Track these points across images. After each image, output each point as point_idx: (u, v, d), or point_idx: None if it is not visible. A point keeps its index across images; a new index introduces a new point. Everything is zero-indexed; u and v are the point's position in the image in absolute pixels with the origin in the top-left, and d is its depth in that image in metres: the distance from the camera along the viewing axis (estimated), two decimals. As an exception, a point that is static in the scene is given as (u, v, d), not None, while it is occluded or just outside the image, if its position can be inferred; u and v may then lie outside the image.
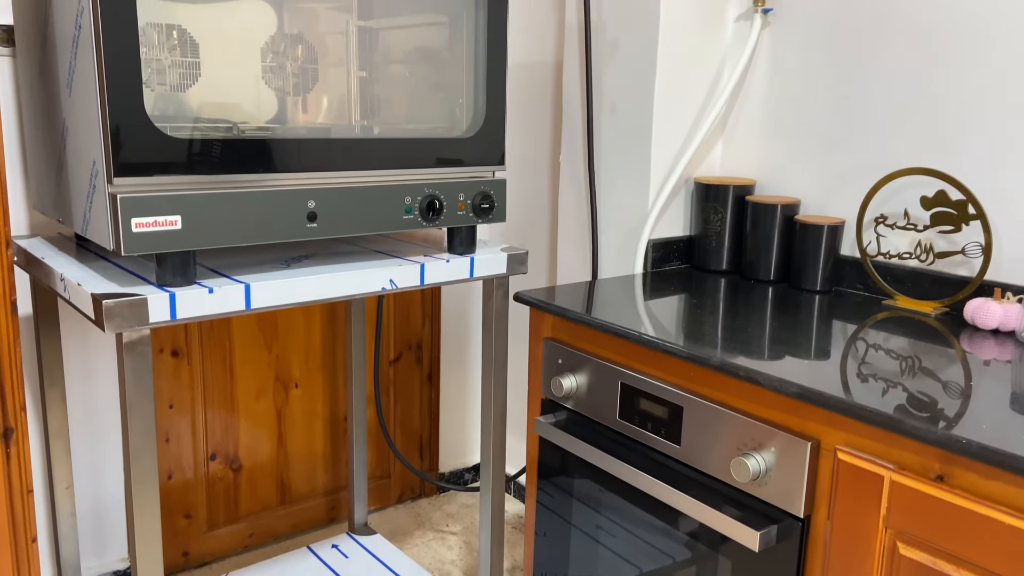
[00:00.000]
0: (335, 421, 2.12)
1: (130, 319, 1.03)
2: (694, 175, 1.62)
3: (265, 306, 1.15)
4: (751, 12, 1.56)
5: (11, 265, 1.10)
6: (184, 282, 1.10)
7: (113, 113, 1.01)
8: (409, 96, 1.35)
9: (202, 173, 1.09)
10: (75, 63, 1.07)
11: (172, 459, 1.87)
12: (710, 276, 1.56)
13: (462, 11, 1.35)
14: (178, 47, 1.23)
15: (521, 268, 1.43)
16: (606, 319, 1.23)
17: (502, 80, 1.38)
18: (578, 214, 1.72)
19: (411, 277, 1.29)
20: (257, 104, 1.26)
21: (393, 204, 1.27)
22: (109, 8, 0.99)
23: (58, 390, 1.47)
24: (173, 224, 1.06)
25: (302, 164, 1.18)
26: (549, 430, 1.32)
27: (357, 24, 1.36)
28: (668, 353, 1.13)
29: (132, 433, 1.07)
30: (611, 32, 1.59)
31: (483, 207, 1.36)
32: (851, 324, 1.27)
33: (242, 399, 1.95)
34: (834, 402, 0.94)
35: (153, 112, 1.11)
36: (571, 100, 1.71)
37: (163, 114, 1.15)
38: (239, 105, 1.23)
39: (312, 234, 1.19)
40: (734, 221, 1.55)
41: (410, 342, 2.22)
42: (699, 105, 1.59)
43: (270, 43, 1.28)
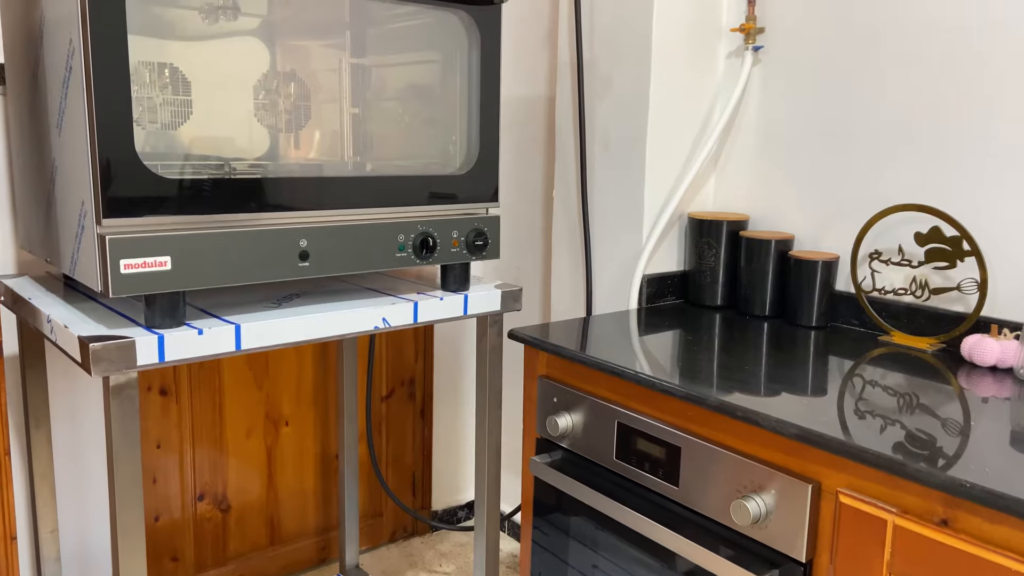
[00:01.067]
0: (326, 459, 2.09)
1: (117, 362, 1.01)
2: (687, 210, 1.62)
3: (256, 347, 1.13)
4: (742, 49, 1.58)
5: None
6: (173, 323, 1.08)
7: (103, 154, 0.99)
8: (402, 133, 1.35)
9: (192, 213, 1.08)
10: (65, 103, 1.07)
11: (159, 500, 1.83)
12: (705, 312, 1.55)
13: (455, 49, 1.35)
14: (170, 85, 1.23)
15: (515, 305, 1.42)
16: (602, 357, 1.22)
17: (495, 117, 1.38)
18: (571, 249, 1.71)
19: (404, 316, 1.27)
20: (249, 141, 1.26)
21: (386, 242, 1.26)
22: (100, 49, 0.98)
23: (43, 432, 1.44)
24: (163, 265, 1.05)
25: (294, 202, 1.17)
26: (544, 470, 1.30)
27: (350, 62, 1.36)
28: (665, 392, 1.11)
29: (119, 480, 1.04)
30: (603, 68, 1.60)
31: (477, 244, 1.35)
32: (848, 360, 1.26)
33: (231, 438, 1.92)
34: (835, 444, 0.92)
35: (144, 150, 1.10)
36: (564, 135, 1.71)
37: (154, 152, 1.14)
38: (231, 142, 1.23)
39: (304, 273, 1.18)
40: (728, 256, 1.54)
41: (403, 377, 2.20)
42: (691, 141, 1.60)
43: (262, 80, 1.28)
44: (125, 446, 1.04)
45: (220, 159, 1.23)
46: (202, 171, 1.20)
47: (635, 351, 1.27)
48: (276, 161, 1.26)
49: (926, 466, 0.85)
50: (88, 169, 1.01)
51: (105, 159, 1.00)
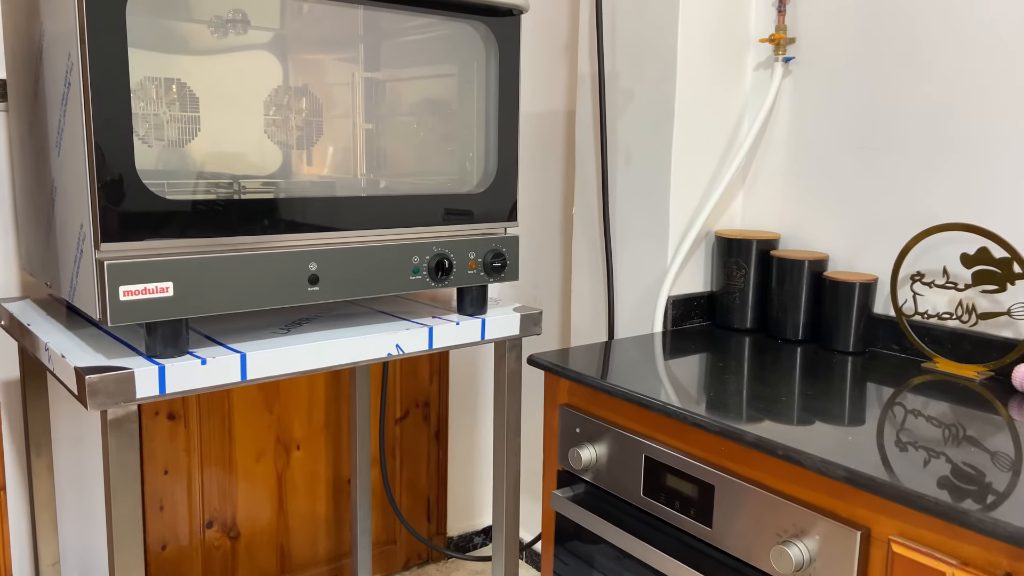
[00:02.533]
0: (338, 484, 2.02)
1: (115, 395, 0.95)
2: (714, 228, 1.55)
3: (262, 377, 1.07)
4: (771, 60, 1.51)
5: (-9, 335, 1.03)
6: (175, 353, 1.02)
7: (101, 174, 0.94)
8: (417, 150, 1.29)
9: (195, 236, 1.02)
10: (64, 121, 1.01)
11: (166, 528, 1.77)
12: (733, 335, 1.47)
13: (472, 62, 1.30)
14: (177, 101, 1.18)
15: (535, 329, 1.35)
16: (627, 386, 1.15)
17: (514, 133, 1.31)
18: (592, 269, 1.64)
19: (419, 342, 1.21)
20: (260, 159, 1.20)
21: (400, 264, 1.20)
22: (99, 65, 0.93)
23: (45, 460, 1.38)
24: (164, 291, 0.99)
25: (303, 224, 1.11)
26: (566, 505, 1.23)
27: (364, 76, 1.30)
28: (696, 426, 1.04)
29: (117, 517, 0.98)
30: (625, 81, 1.53)
31: (495, 266, 1.29)
32: (888, 388, 1.18)
33: (241, 462, 1.86)
34: (887, 489, 0.85)
35: (149, 169, 1.05)
36: (584, 151, 1.65)
37: (159, 171, 1.09)
38: (240, 160, 1.17)
39: (314, 298, 1.12)
40: (758, 277, 1.47)
41: (417, 399, 2.13)
42: (719, 156, 1.53)
43: (273, 96, 1.23)
44: (124, 481, 0.99)
45: (229, 177, 1.18)
46: (210, 190, 1.15)
47: (662, 379, 1.20)
48: (287, 179, 1.21)
49: (990, 516, 0.77)
50: (86, 190, 0.96)
51: (104, 180, 0.94)
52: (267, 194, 1.15)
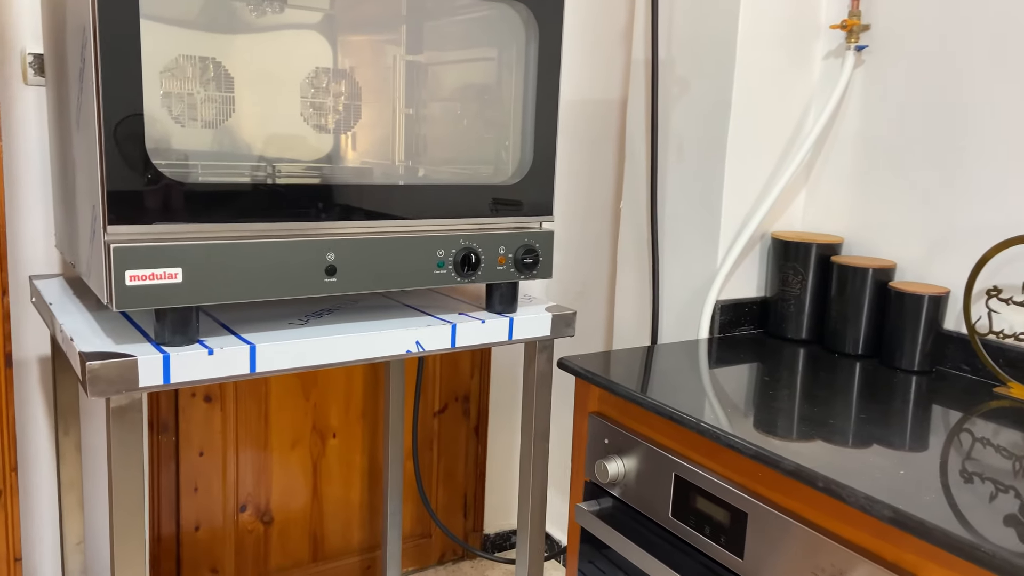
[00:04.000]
0: (374, 474, 1.99)
1: (117, 383, 0.92)
2: (771, 230, 1.44)
3: (272, 370, 1.03)
4: (843, 49, 1.38)
5: (6, 314, 1.01)
6: (184, 341, 0.99)
7: (110, 153, 0.91)
8: (453, 137, 1.23)
9: (207, 221, 0.98)
10: (81, 97, 0.99)
11: (200, 509, 1.77)
12: (786, 345, 1.36)
13: (512, 45, 1.22)
14: (212, 81, 1.14)
15: (567, 330, 1.28)
16: (660, 398, 1.06)
17: (553, 121, 1.24)
18: (638, 268, 1.55)
19: (440, 340, 1.15)
20: (292, 143, 1.16)
21: (423, 257, 1.14)
22: (111, 41, 0.89)
23: (73, 439, 1.38)
24: (173, 277, 0.96)
25: (322, 212, 1.06)
26: (591, 520, 1.15)
27: (405, 59, 1.25)
28: (731, 448, 0.95)
29: (117, 511, 0.96)
30: (680, 69, 1.43)
31: (526, 262, 1.22)
32: (955, 413, 1.06)
33: (276, 448, 1.84)
34: (937, 534, 0.75)
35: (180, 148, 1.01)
36: (634, 142, 1.56)
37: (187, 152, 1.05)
38: (273, 143, 1.13)
39: (330, 290, 1.07)
40: (816, 284, 1.35)
41: (457, 393, 2.08)
42: (779, 151, 1.42)
43: (311, 78, 1.18)
44: (127, 473, 0.96)
45: (262, 160, 1.14)
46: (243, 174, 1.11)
47: (702, 391, 1.11)
48: (323, 164, 1.16)
49: (1062, 580, 0.67)
50: (97, 170, 0.93)
51: (112, 159, 0.91)
52: (288, 180, 1.10)
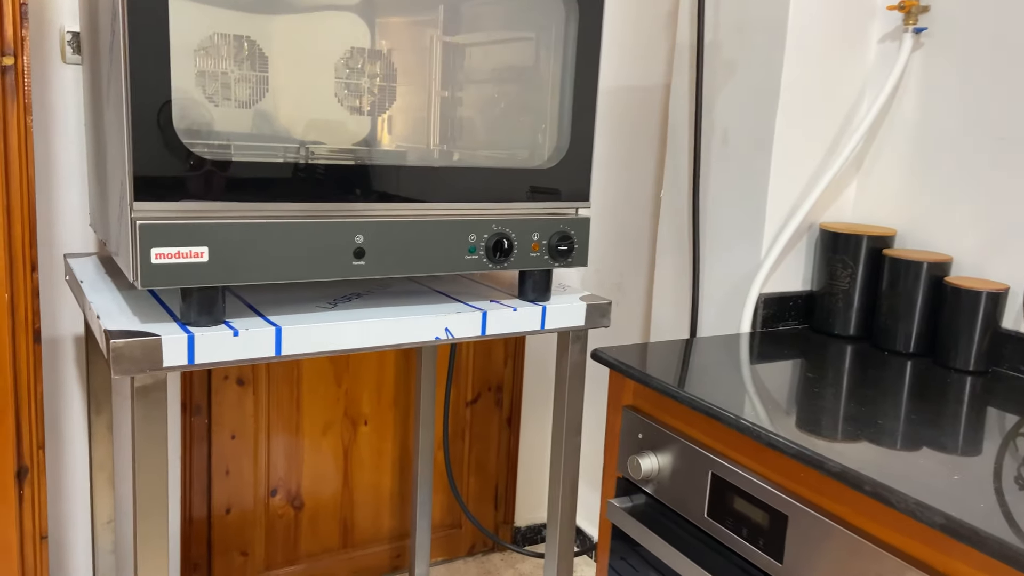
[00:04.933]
0: (404, 462, 1.98)
1: (141, 362, 0.91)
2: (819, 220, 1.38)
3: (298, 353, 1.01)
4: (900, 31, 1.31)
5: (35, 289, 1.01)
6: (210, 321, 0.97)
7: (137, 128, 0.89)
8: (488, 120, 1.20)
9: (235, 200, 0.96)
10: (111, 71, 0.98)
11: (231, 492, 1.77)
12: (832, 342, 1.30)
13: (550, 25, 1.18)
14: (247, 60, 1.13)
15: (602, 321, 1.24)
16: (698, 393, 1.02)
17: (591, 104, 1.19)
18: (678, 258, 1.50)
19: (470, 327, 1.12)
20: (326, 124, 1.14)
21: (454, 242, 1.11)
22: (138, 14, 0.88)
23: (104, 418, 1.39)
24: (199, 256, 0.94)
25: (351, 193, 1.04)
26: (623, 518, 1.11)
27: (442, 39, 1.21)
28: (772, 447, 0.90)
29: (140, 490, 0.95)
30: (727, 52, 1.38)
31: (560, 249, 1.18)
32: (1013, 416, 1.00)
33: (308, 433, 1.84)
34: (992, 544, 0.69)
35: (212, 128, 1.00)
36: (677, 128, 1.50)
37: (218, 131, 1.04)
38: (307, 124, 1.11)
39: (358, 273, 1.05)
40: (867, 278, 1.29)
41: (490, 382, 2.05)
42: (830, 139, 1.35)
43: (347, 58, 1.16)
44: (150, 453, 0.95)
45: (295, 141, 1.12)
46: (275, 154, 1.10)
47: (742, 387, 1.06)
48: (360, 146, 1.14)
49: None
50: (124, 146, 0.91)
51: (139, 135, 0.89)
52: (316, 160, 1.08)
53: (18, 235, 0.97)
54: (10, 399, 0.98)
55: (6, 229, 0.96)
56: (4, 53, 0.92)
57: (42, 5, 1.35)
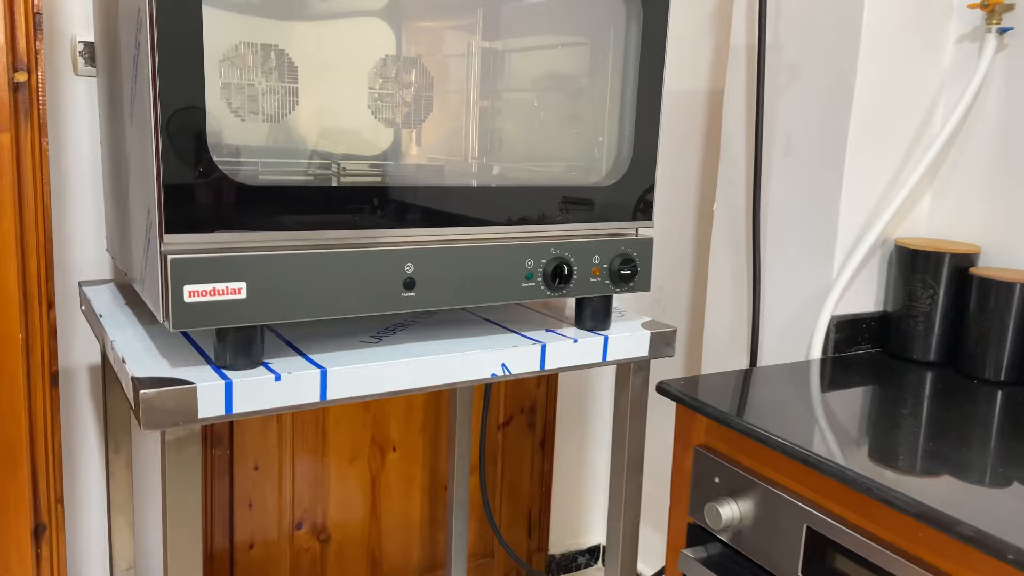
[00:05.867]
0: (435, 490, 1.88)
1: (174, 415, 0.81)
2: (891, 236, 1.28)
3: (344, 398, 0.91)
4: (981, 31, 1.21)
5: (52, 329, 0.91)
6: (248, 364, 0.87)
7: (167, 152, 0.79)
8: (537, 133, 1.10)
9: (275, 228, 0.86)
10: (135, 88, 0.88)
11: (255, 526, 1.67)
12: (912, 368, 1.20)
13: (609, 28, 1.08)
14: (275, 70, 1.03)
15: (667, 350, 1.14)
16: (789, 436, 0.91)
17: (655, 114, 1.09)
18: (735, 278, 1.40)
19: (529, 362, 1.02)
20: (360, 138, 1.04)
21: (510, 269, 1.01)
22: (169, 21, 0.78)
23: (123, 457, 1.29)
24: (236, 292, 0.84)
25: (399, 218, 0.94)
26: (699, 570, 1.01)
27: (481, 45, 1.12)
28: (887, 503, 0.80)
29: (172, 555, 0.85)
30: (790, 55, 1.28)
31: (623, 273, 1.08)
32: None
33: (334, 462, 1.74)
34: None
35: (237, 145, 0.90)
36: (732, 137, 1.40)
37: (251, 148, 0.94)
38: (341, 139, 1.01)
39: (408, 305, 0.95)
40: (950, 299, 1.19)
41: (522, 404, 1.95)
42: (904, 147, 1.25)
43: (379, 67, 1.06)
44: (183, 516, 0.85)
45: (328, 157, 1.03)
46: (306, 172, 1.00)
47: (837, 426, 0.96)
48: (390, 163, 1.04)
49: None
50: (153, 170, 0.81)
51: (170, 158, 0.80)
52: (360, 180, 0.98)
53: (33, 269, 0.87)
54: (25, 449, 0.89)
55: (20, 262, 0.86)
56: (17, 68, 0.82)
57: (51, 13, 1.25)
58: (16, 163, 0.84)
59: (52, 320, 0.90)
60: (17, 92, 0.86)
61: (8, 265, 0.86)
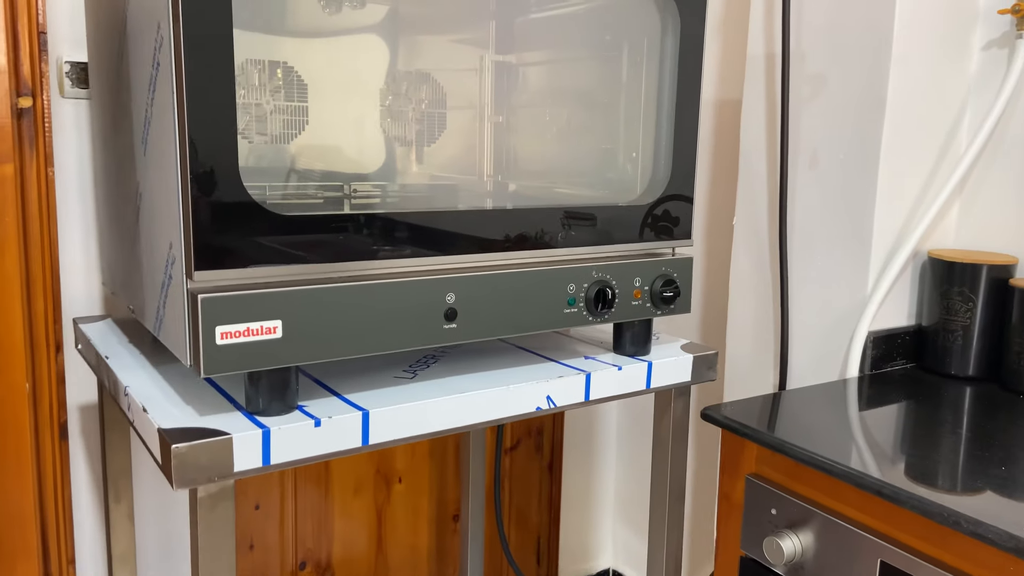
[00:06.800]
0: (442, 520, 1.80)
1: (208, 470, 0.73)
2: (922, 248, 1.25)
3: (387, 441, 0.84)
4: (1010, 38, 1.19)
5: (61, 376, 0.83)
6: (283, 408, 0.80)
7: (197, 183, 0.72)
8: (570, 151, 1.04)
9: (310, 261, 0.79)
10: (151, 112, 0.80)
11: (256, 569, 1.58)
12: (950, 384, 1.17)
13: (642, 38, 1.04)
14: (282, 89, 0.96)
15: (709, 374, 1.09)
16: (863, 469, 0.87)
17: (693, 129, 1.05)
18: (759, 294, 1.36)
19: (574, 393, 0.96)
20: (379, 160, 0.98)
21: (553, 294, 0.95)
22: (197, 40, 0.71)
23: (124, 507, 1.19)
24: (272, 332, 0.77)
25: (439, 244, 0.88)
26: (759, 607, 0.96)
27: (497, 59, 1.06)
28: (978, 538, 0.76)
29: (205, 621, 0.77)
30: (814, 64, 1.24)
31: (665, 295, 1.03)
32: None
33: (338, 496, 1.65)
34: None
35: (249, 172, 0.83)
36: (751, 150, 1.37)
37: (260, 174, 0.87)
38: (356, 161, 0.95)
39: (450, 338, 0.88)
40: (988, 311, 1.16)
41: (530, 427, 1.89)
42: (933, 157, 1.23)
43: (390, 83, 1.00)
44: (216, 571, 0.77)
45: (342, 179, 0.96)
46: (319, 196, 0.93)
47: (896, 450, 0.92)
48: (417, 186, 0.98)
49: None
50: (177, 202, 0.74)
51: (200, 189, 0.72)
52: (391, 205, 0.92)
53: (40, 310, 0.79)
54: (33, 507, 0.80)
55: (26, 304, 0.78)
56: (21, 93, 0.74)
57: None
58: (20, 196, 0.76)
59: (60, 365, 0.82)
60: (21, 119, 0.78)
61: (12, 307, 0.77)
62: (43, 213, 0.79)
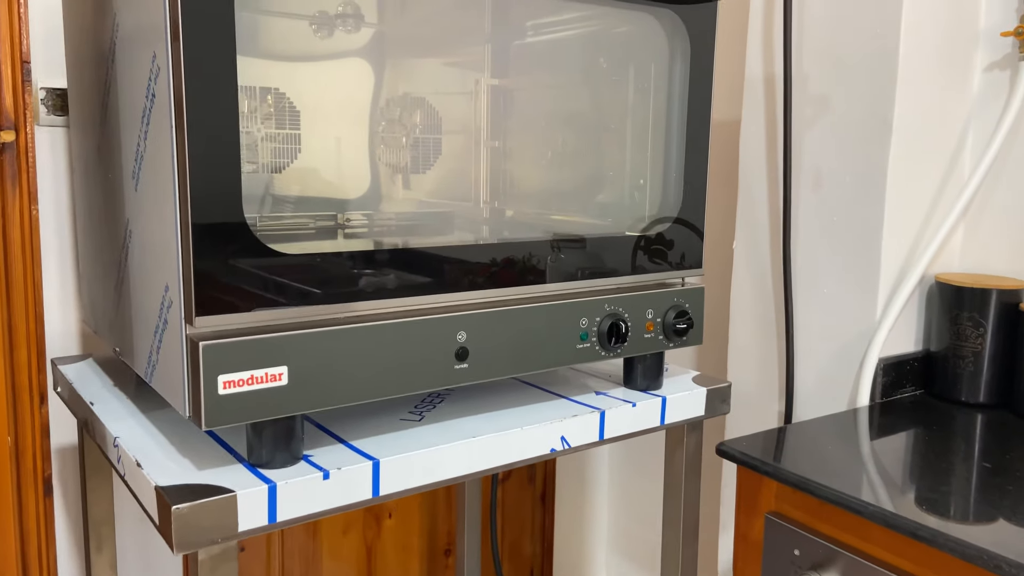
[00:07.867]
0: (433, 556, 1.74)
1: (211, 531, 0.68)
2: (928, 272, 1.23)
3: (399, 491, 0.79)
4: (1013, 59, 1.19)
5: (45, 428, 0.77)
6: (288, 459, 0.75)
7: (199, 221, 0.67)
8: (576, 178, 1.01)
9: (316, 302, 0.75)
10: (144, 145, 0.75)
11: (242, 613, 1.51)
12: (961, 411, 1.15)
13: (650, 63, 1.01)
14: (274, 116, 0.92)
15: (723, 407, 1.06)
16: (895, 509, 0.84)
17: (703, 155, 1.02)
18: (761, 322, 1.34)
19: (588, 432, 0.92)
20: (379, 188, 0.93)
21: (565, 329, 0.91)
22: (197, 67, 0.66)
23: (107, 556, 1.12)
24: (277, 379, 0.72)
25: (448, 280, 0.83)
26: (784, 652, 0.92)
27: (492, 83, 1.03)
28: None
29: None
30: (817, 85, 1.23)
31: (678, 327, 1.00)
32: None
33: (326, 535, 1.59)
34: None
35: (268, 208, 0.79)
36: (751, 172, 1.34)
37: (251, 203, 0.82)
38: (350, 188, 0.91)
39: (461, 378, 0.84)
40: (999, 337, 1.15)
41: (522, 456, 1.84)
42: (938, 180, 1.21)
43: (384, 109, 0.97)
44: (217, 641, 0.71)
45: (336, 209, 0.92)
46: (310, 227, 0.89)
47: (921, 486, 0.89)
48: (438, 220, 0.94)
49: None
50: (176, 241, 0.69)
51: (203, 228, 0.67)
52: (396, 238, 0.88)
53: (23, 360, 0.73)
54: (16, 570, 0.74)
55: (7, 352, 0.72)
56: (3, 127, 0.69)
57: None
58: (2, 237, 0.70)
59: (45, 417, 0.76)
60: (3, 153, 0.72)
61: (-9, 357, 0.72)
62: (26, 256, 0.73)
